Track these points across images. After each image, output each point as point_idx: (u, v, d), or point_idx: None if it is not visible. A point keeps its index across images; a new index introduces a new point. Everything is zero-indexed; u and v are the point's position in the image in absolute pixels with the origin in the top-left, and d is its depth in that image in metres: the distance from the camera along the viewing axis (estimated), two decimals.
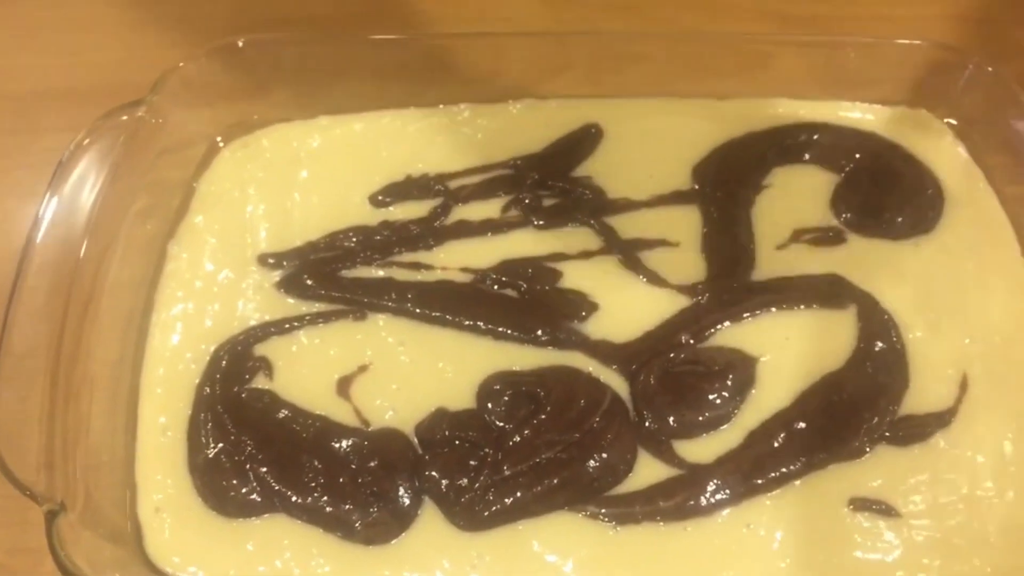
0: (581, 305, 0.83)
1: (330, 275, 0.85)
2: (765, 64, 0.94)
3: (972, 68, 0.90)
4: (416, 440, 0.76)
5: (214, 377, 0.79)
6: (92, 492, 0.73)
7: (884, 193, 0.88)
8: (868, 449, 0.75)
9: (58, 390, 0.75)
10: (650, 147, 0.92)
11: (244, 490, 0.74)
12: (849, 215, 0.87)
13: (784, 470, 0.74)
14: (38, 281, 0.77)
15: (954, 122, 0.92)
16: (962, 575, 0.71)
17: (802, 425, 0.76)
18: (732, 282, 0.84)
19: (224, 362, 0.80)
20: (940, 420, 0.76)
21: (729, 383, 0.78)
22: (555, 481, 0.74)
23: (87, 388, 0.77)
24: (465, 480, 0.74)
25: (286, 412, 0.78)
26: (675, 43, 0.94)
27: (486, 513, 0.73)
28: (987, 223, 0.87)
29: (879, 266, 0.84)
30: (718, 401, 0.77)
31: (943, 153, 0.91)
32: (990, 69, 0.89)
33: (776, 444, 0.75)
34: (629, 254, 0.86)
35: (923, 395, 0.78)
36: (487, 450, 0.75)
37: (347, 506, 0.73)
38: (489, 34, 0.95)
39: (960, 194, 0.88)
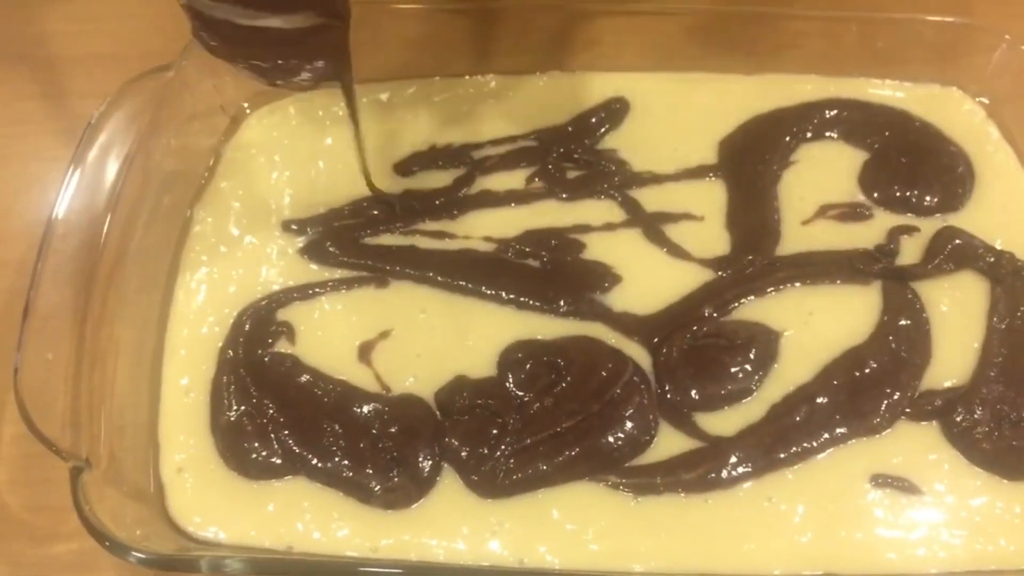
0: (604, 276, 0.83)
1: (353, 242, 0.85)
2: (795, 41, 0.94)
3: (1005, 47, 0.89)
4: (435, 406, 0.77)
5: (237, 340, 0.80)
6: (116, 451, 0.73)
7: (913, 170, 0.87)
8: (888, 426, 0.74)
9: (84, 350, 0.75)
10: (676, 121, 0.92)
11: (265, 452, 0.74)
12: (877, 192, 0.87)
13: (806, 444, 0.74)
14: (65, 244, 0.78)
15: (986, 101, 0.91)
16: (986, 555, 0.70)
17: (824, 400, 0.75)
18: (756, 256, 0.83)
19: (247, 326, 0.80)
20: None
21: (752, 357, 0.77)
22: (575, 451, 0.73)
23: (112, 349, 0.77)
24: (485, 448, 0.73)
25: (308, 376, 0.78)
26: (704, 18, 0.94)
27: (506, 481, 0.73)
28: (1017, 203, 0.86)
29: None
30: (740, 374, 0.77)
31: (974, 132, 0.90)
32: (1023, 48, 0.88)
33: (798, 418, 0.75)
34: (653, 227, 0.85)
35: (945, 370, 0.77)
36: (507, 418, 0.75)
37: (367, 471, 0.73)
38: (517, 6, 0.95)
39: (990, 173, 0.88)
